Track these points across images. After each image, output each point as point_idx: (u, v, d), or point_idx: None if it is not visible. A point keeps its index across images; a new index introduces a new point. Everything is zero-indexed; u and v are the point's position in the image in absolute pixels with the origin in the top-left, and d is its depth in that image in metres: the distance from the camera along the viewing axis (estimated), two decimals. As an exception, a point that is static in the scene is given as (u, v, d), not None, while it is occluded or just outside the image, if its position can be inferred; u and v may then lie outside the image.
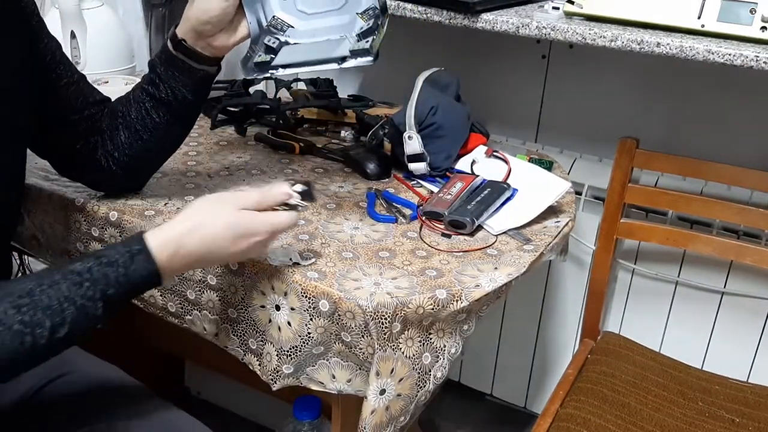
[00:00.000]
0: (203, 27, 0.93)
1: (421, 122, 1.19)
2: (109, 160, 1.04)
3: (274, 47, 0.99)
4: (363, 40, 0.97)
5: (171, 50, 0.96)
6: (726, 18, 1.09)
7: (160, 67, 0.98)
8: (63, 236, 1.13)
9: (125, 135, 1.03)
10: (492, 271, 0.97)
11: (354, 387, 0.96)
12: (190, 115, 1.05)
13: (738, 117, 1.39)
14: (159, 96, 0.99)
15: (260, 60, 0.99)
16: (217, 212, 0.85)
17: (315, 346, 0.94)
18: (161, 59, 0.98)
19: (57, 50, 0.99)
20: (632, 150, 1.31)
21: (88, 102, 1.02)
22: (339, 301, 0.89)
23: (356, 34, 0.98)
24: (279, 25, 0.98)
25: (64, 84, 0.99)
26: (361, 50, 0.97)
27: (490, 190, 1.12)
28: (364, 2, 0.98)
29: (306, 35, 0.99)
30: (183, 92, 0.99)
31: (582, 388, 1.25)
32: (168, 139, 1.07)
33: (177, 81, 0.98)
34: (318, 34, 0.99)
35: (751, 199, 1.34)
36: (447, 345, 0.94)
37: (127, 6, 1.81)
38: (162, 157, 1.10)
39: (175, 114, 1.02)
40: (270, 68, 0.99)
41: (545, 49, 1.51)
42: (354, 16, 0.98)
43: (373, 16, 0.98)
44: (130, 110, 1.02)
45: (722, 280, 1.42)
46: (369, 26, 0.98)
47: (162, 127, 1.02)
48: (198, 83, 1.00)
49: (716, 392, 1.27)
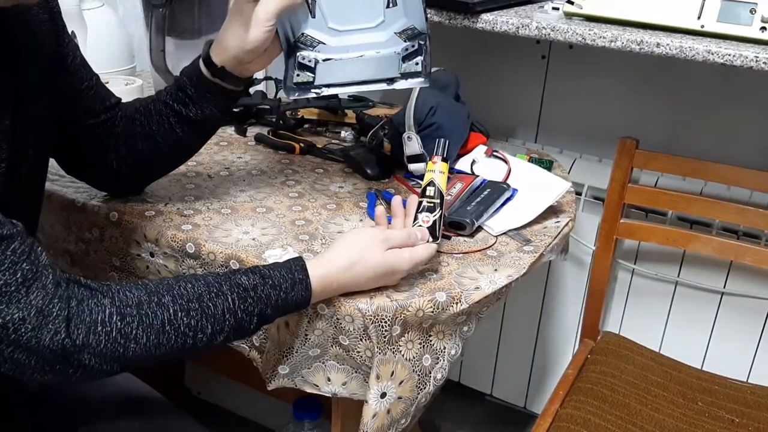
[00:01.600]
0: (245, 55, 0.95)
1: (420, 122, 1.19)
2: (122, 164, 1.04)
3: (309, 65, 0.99)
4: (411, 61, 0.97)
5: (208, 77, 0.97)
6: (726, 18, 1.09)
7: (190, 89, 0.99)
8: (63, 236, 1.13)
9: (144, 144, 1.03)
10: (492, 272, 0.97)
11: (349, 390, 0.96)
12: (214, 129, 1.07)
13: (738, 117, 1.39)
14: (187, 114, 1.00)
15: (300, 80, 0.99)
16: (370, 251, 0.88)
17: (311, 348, 0.94)
18: (192, 82, 0.99)
19: (77, 52, 0.98)
20: (632, 150, 1.31)
21: (105, 106, 1.02)
22: (338, 304, 0.89)
23: (401, 56, 0.97)
24: (308, 42, 0.98)
25: (84, 87, 0.98)
26: (412, 72, 0.96)
27: (490, 190, 1.12)
28: (401, 22, 0.97)
29: (338, 51, 0.99)
30: (214, 111, 1.00)
31: (582, 388, 1.25)
32: (188, 151, 1.09)
33: (209, 102, 0.99)
34: (351, 50, 0.98)
35: (751, 199, 1.34)
36: (447, 347, 0.95)
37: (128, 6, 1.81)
38: (176, 164, 1.12)
39: (200, 129, 1.04)
40: (313, 88, 0.99)
41: (545, 49, 1.51)
42: (391, 35, 0.98)
43: (415, 36, 0.97)
44: (151, 121, 1.02)
45: (722, 280, 1.42)
46: (414, 48, 0.97)
47: (184, 141, 1.04)
48: (229, 102, 1.02)
49: (716, 392, 1.27)
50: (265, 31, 0.92)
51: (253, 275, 0.84)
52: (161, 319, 0.77)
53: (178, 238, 1.01)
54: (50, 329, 0.71)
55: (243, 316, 0.81)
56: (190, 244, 1.00)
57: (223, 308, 0.80)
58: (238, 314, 0.81)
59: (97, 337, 0.73)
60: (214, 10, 1.43)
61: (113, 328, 0.74)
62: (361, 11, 0.96)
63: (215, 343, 0.81)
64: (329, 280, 0.87)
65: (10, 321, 0.70)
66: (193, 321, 0.79)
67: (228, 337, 0.82)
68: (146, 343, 0.76)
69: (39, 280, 0.72)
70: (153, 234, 1.03)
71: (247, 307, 0.82)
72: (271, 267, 0.86)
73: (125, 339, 0.75)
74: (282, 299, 0.84)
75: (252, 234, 1.02)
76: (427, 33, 0.97)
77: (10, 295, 0.70)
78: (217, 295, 0.81)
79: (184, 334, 0.78)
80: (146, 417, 1.03)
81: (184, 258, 1.01)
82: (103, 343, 0.74)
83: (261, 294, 0.83)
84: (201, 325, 0.79)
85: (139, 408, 1.05)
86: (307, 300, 0.86)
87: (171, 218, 1.06)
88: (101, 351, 0.74)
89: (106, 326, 0.74)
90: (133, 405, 1.05)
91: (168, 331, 0.77)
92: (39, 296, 0.71)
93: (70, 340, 0.72)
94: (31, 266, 0.72)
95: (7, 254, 0.70)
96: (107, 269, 1.10)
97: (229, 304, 0.81)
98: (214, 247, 0.99)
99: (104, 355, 0.74)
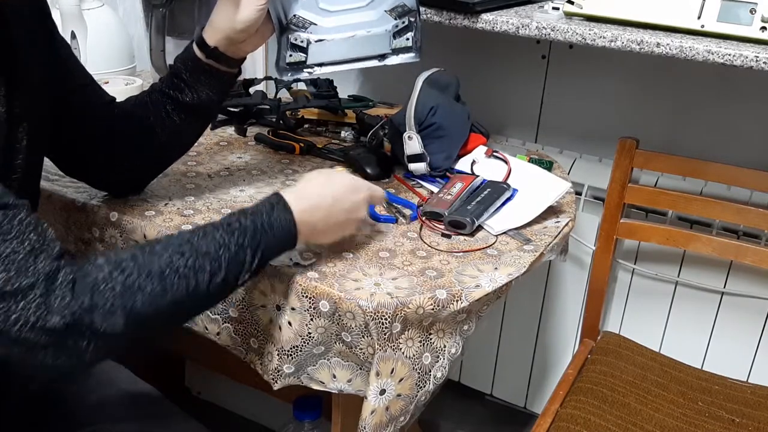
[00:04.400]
0: (237, 35, 0.96)
1: (421, 122, 1.19)
2: (123, 161, 1.05)
3: (301, 45, 0.99)
4: (401, 37, 0.97)
5: (202, 59, 0.98)
6: (726, 18, 1.09)
7: (185, 74, 1.00)
8: (63, 236, 1.13)
9: (142, 137, 1.03)
10: (492, 271, 0.97)
11: (354, 387, 0.96)
12: (211, 113, 1.08)
13: (738, 117, 1.39)
14: (183, 99, 1.01)
15: (292, 60, 0.99)
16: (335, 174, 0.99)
17: (315, 346, 0.94)
18: (187, 66, 0.99)
19: (71, 51, 0.98)
20: (632, 150, 1.31)
21: (99, 105, 1.02)
22: (339, 301, 0.89)
23: (392, 33, 0.98)
24: (300, 23, 0.99)
25: (78, 87, 0.99)
26: (402, 48, 0.97)
27: (490, 190, 1.12)
28: (391, 0, 0.97)
29: (330, 31, 1.00)
30: (209, 94, 1.01)
31: (582, 388, 1.25)
32: (185, 138, 1.09)
33: (204, 85, 1.00)
34: (343, 30, 0.99)
35: (751, 199, 1.34)
36: (447, 345, 0.95)
37: (127, 6, 1.82)
38: (175, 156, 1.12)
39: (196, 114, 1.04)
40: (305, 68, 1.00)
41: (545, 49, 1.51)
42: (382, 13, 0.98)
43: (405, 13, 0.98)
44: (148, 112, 1.02)
45: (722, 280, 1.42)
46: (405, 24, 0.98)
47: (182, 128, 1.04)
48: (225, 84, 1.03)
49: (716, 392, 1.27)
50: (257, 10, 0.93)
51: (234, 213, 0.87)
52: (159, 264, 0.77)
53: (178, 237, 1.01)
54: (57, 295, 0.70)
55: (237, 249, 0.82)
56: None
57: (215, 245, 0.81)
58: (231, 248, 0.82)
59: (102, 296, 0.73)
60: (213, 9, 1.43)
61: (116, 282, 0.74)
62: None
63: (218, 280, 0.81)
64: (306, 204, 0.90)
65: (18, 289, 0.69)
66: (189, 261, 0.79)
67: (229, 274, 0.82)
68: (151, 291, 0.76)
69: (46, 251, 0.72)
70: (153, 234, 1.03)
71: (237, 239, 0.83)
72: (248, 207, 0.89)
73: (130, 291, 0.74)
74: (266, 222, 0.86)
75: (252, 233, 1.02)
76: (416, 9, 0.98)
77: (18, 262, 0.70)
78: (204, 234, 0.82)
79: (185, 275, 0.78)
80: (148, 417, 1.03)
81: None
82: (110, 301, 0.73)
83: (245, 224, 0.84)
84: (198, 264, 0.79)
85: (141, 408, 1.05)
86: (290, 221, 0.87)
87: (171, 218, 1.06)
88: (110, 309, 0.73)
89: (108, 282, 0.74)
90: (135, 405, 1.05)
91: (169, 275, 0.77)
92: (46, 264, 0.71)
93: (77, 305, 0.71)
94: (38, 237, 0.72)
95: (14, 224, 0.71)
96: (107, 268, 1.10)
97: (218, 240, 0.82)
98: (215, 246, 0.98)
99: (114, 313, 0.73)
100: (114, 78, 1.46)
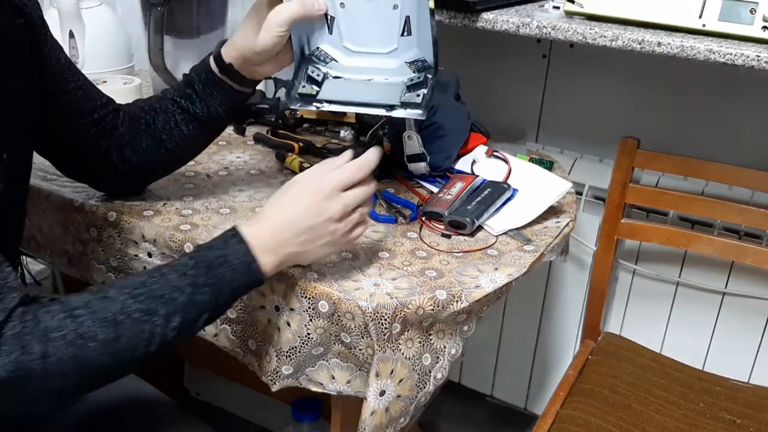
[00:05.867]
0: (253, 56, 0.95)
1: (421, 122, 1.19)
2: (126, 164, 1.04)
3: (317, 79, 0.99)
4: (413, 92, 0.96)
5: (216, 72, 0.98)
6: (727, 17, 1.08)
7: (198, 85, 0.99)
8: (61, 236, 1.12)
9: (148, 143, 1.03)
10: (492, 271, 0.96)
11: (354, 388, 0.95)
12: (219, 129, 1.07)
13: (739, 117, 1.39)
14: (193, 111, 1.00)
15: (304, 91, 0.99)
16: (292, 184, 0.88)
17: (314, 347, 0.93)
18: (200, 78, 0.99)
19: (61, 54, 0.97)
20: (633, 150, 1.31)
21: (96, 105, 1.01)
22: (338, 301, 0.89)
23: (407, 85, 0.97)
24: (322, 56, 0.99)
25: (71, 88, 0.98)
26: (411, 103, 0.95)
27: (491, 190, 1.12)
28: (413, 52, 0.97)
29: (349, 71, 0.99)
30: (219, 110, 1.01)
31: (582, 389, 1.25)
32: (191, 150, 1.08)
33: (215, 100, 1.00)
34: (362, 72, 0.99)
35: (753, 199, 1.34)
36: (447, 346, 0.94)
37: (126, 5, 1.81)
38: (179, 164, 1.11)
39: (204, 128, 1.04)
40: (315, 101, 0.99)
41: (546, 48, 1.51)
42: (402, 63, 0.98)
43: (423, 69, 0.97)
44: (156, 119, 1.02)
45: (723, 280, 1.41)
46: (420, 79, 0.97)
47: (189, 139, 1.04)
48: (236, 103, 1.02)
49: (717, 393, 1.26)
50: (275, 36, 0.93)
51: (187, 253, 0.84)
52: (112, 310, 0.74)
53: (176, 239, 1.00)
54: (4, 350, 0.68)
55: (191, 289, 0.79)
56: (188, 245, 0.99)
57: (169, 287, 0.78)
58: (184, 289, 0.79)
59: (54, 344, 0.70)
60: (212, 9, 1.43)
61: (68, 330, 0.71)
62: (377, 36, 0.97)
63: (174, 324, 0.77)
64: (263, 229, 0.85)
65: None
66: (143, 305, 0.76)
67: (186, 316, 0.79)
68: (105, 338, 0.73)
69: (1, 302, 0.69)
70: (151, 234, 1.02)
71: (192, 279, 0.79)
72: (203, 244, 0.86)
73: (82, 338, 0.72)
74: (220, 257, 0.82)
75: (251, 233, 1.02)
76: (434, 68, 0.97)
77: None
78: (160, 277, 0.79)
79: (139, 320, 0.75)
80: (152, 419, 1.03)
81: (182, 257, 1.01)
82: (63, 349, 0.70)
83: (199, 259, 0.81)
84: (152, 308, 0.76)
85: (146, 410, 1.04)
86: (246, 252, 0.83)
87: (169, 218, 1.05)
88: (61, 358, 0.70)
89: (60, 330, 0.71)
90: (140, 407, 1.04)
91: (122, 320, 0.74)
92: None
93: (29, 357, 0.68)
94: None
95: None
96: (105, 269, 1.09)
97: (173, 282, 0.78)
98: (213, 246, 0.98)
99: (66, 362, 0.71)
100: (112, 77, 1.46)
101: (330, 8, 0.96)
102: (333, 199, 0.86)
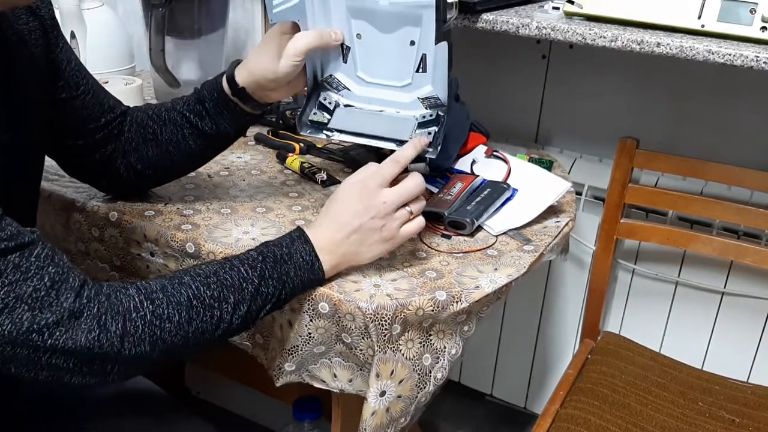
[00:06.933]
0: (268, 83, 0.96)
1: (421, 122, 1.19)
2: (130, 170, 1.05)
3: (328, 107, 1.00)
4: (425, 129, 0.97)
5: (228, 94, 0.98)
6: (726, 18, 1.08)
7: (209, 103, 0.99)
8: (63, 236, 1.13)
9: (154, 152, 1.03)
10: (492, 272, 0.97)
11: (355, 387, 0.96)
12: (226, 145, 1.07)
13: (738, 117, 1.39)
14: (201, 127, 1.01)
15: (316, 119, 0.99)
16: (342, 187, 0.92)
17: (316, 346, 0.94)
18: (212, 96, 0.99)
19: (72, 56, 0.98)
20: (632, 150, 1.31)
21: (104, 109, 1.02)
22: (339, 303, 0.89)
23: (418, 122, 0.97)
24: (335, 84, 1.00)
25: (81, 92, 0.98)
26: None
27: (490, 190, 1.12)
28: (427, 89, 0.97)
29: (361, 100, 1.00)
30: (228, 129, 1.01)
31: (582, 388, 1.25)
32: (197, 162, 1.09)
33: (224, 119, 1.00)
34: (374, 102, 1.00)
35: (752, 199, 1.34)
36: (447, 346, 0.94)
37: (127, 6, 1.81)
38: (183, 173, 1.11)
39: (212, 144, 1.04)
40: (326, 129, 1.00)
41: (545, 49, 1.51)
42: (415, 99, 0.98)
43: (436, 106, 0.98)
44: (164, 130, 1.02)
45: (722, 280, 1.41)
46: (431, 117, 0.98)
47: (195, 152, 1.04)
48: (244, 123, 1.03)
49: (716, 392, 1.26)
50: (291, 65, 0.94)
51: (257, 247, 0.88)
52: (186, 295, 0.80)
53: (177, 238, 1.01)
54: (83, 329, 0.72)
55: (258, 281, 0.84)
56: (189, 244, 1.00)
57: (239, 278, 0.83)
58: (254, 281, 0.84)
59: (133, 324, 0.76)
60: (213, 10, 1.43)
61: (146, 311, 0.77)
62: (391, 69, 0.97)
63: (241, 312, 0.83)
64: (323, 232, 0.90)
65: (44, 326, 0.71)
66: (215, 292, 0.81)
67: (252, 305, 0.84)
68: (179, 320, 0.79)
69: (66, 281, 0.73)
70: (153, 234, 1.03)
71: (261, 272, 0.85)
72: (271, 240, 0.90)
73: (159, 319, 0.77)
74: (286, 254, 0.87)
75: (252, 234, 1.02)
76: (447, 106, 0.97)
77: (41, 299, 0.71)
78: (231, 268, 0.84)
79: (210, 306, 0.81)
80: (151, 414, 1.03)
81: (184, 258, 1.01)
82: (141, 329, 0.76)
83: (267, 254, 0.86)
84: (223, 295, 0.82)
85: (144, 405, 1.05)
86: (310, 251, 0.88)
87: (171, 218, 1.06)
88: (140, 337, 0.76)
89: (139, 311, 0.76)
90: (141, 404, 1.05)
91: (195, 305, 0.80)
92: (69, 297, 0.72)
93: (107, 335, 0.74)
94: (57, 269, 0.73)
95: (32, 260, 0.71)
96: (108, 269, 1.10)
97: (243, 273, 0.84)
98: (214, 247, 0.98)
99: (143, 341, 0.76)
100: (114, 78, 1.46)
101: (347, 39, 0.97)
102: (375, 197, 0.89)
